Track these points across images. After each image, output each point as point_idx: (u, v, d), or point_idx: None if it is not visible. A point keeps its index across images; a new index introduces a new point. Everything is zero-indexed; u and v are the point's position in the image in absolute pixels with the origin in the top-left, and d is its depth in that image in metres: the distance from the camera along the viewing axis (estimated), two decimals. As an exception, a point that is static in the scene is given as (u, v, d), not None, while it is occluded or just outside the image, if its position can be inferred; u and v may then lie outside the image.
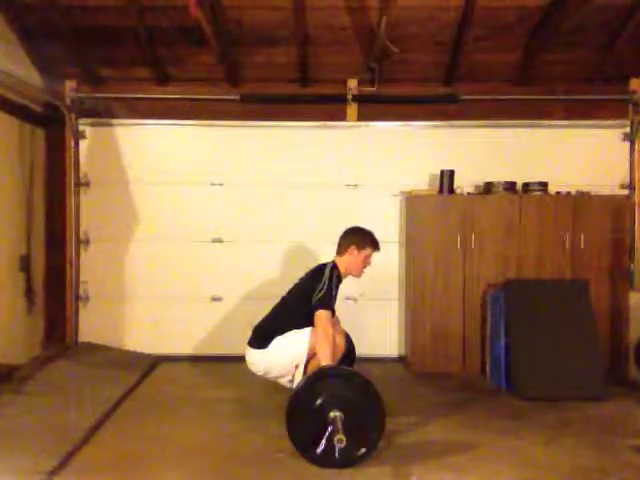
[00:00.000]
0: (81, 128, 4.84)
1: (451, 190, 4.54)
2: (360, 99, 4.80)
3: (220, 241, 4.88)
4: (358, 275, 3.59)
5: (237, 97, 4.75)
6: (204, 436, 3.19)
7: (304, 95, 4.84)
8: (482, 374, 4.37)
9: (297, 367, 3.36)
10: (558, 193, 4.55)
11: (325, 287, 3.31)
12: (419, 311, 4.45)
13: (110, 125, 4.86)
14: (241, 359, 4.69)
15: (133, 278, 4.86)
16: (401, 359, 4.76)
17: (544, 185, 4.54)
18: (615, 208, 4.48)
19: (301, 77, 4.77)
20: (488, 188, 4.59)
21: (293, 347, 3.35)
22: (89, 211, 4.86)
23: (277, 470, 2.78)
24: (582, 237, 4.41)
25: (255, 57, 4.62)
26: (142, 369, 4.37)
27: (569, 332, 4.01)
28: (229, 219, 4.87)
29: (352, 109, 4.83)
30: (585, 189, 4.59)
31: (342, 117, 4.83)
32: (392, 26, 4.03)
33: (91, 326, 4.86)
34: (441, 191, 4.56)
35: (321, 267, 3.47)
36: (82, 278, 4.85)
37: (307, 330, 3.34)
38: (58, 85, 4.77)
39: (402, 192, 4.73)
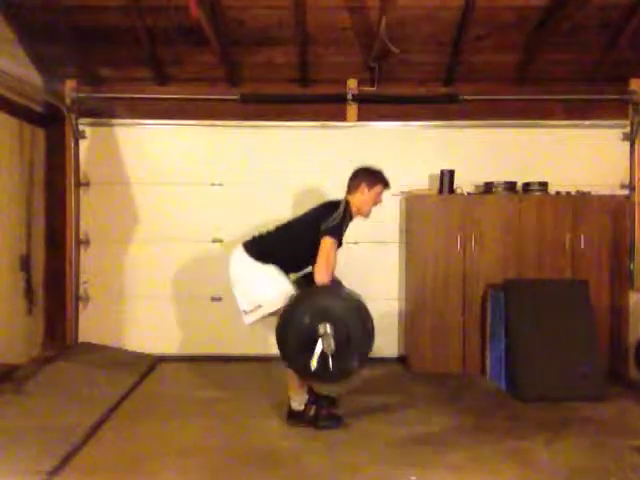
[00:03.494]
0: (81, 128, 4.84)
1: (451, 190, 4.54)
2: (360, 99, 4.80)
3: (220, 241, 4.88)
4: (367, 214, 3.48)
5: (237, 97, 4.75)
6: (204, 436, 3.20)
7: (304, 95, 4.84)
8: (482, 374, 4.37)
9: (258, 308, 3.28)
10: (558, 193, 4.55)
11: (339, 218, 3.23)
12: (419, 311, 4.45)
13: (110, 125, 4.86)
14: (241, 359, 4.75)
15: (133, 278, 4.86)
16: (401, 359, 4.76)
17: (544, 185, 4.55)
18: (615, 208, 4.48)
19: (301, 77, 4.77)
20: (488, 188, 4.59)
21: (267, 294, 3.26)
22: (89, 211, 4.86)
23: (277, 470, 2.78)
24: (582, 237, 4.41)
25: (255, 57, 4.62)
26: (142, 369, 4.38)
27: (569, 332, 4.01)
28: (229, 219, 4.87)
29: (352, 109, 4.83)
30: (585, 189, 4.59)
31: (342, 117, 4.83)
32: (392, 26, 4.03)
33: (91, 326, 4.85)
34: (441, 191, 4.56)
35: (334, 202, 3.37)
36: (82, 278, 4.85)
37: (288, 292, 3.23)
38: (58, 85, 4.77)
39: (402, 192, 4.73)
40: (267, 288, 3.27)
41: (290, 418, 3.35)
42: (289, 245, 3.37)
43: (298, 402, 3.32)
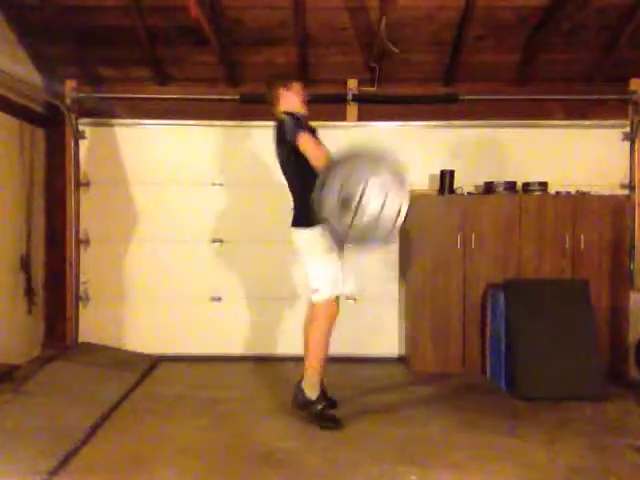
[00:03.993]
0: (81, 128, 4.84)
1: (451, 190, 4.54)
2: (360, 99, 4.80)
3: (220, 241, 4.88)
4: (305, 110, 3.47)
5: (237, 97, 4.75)
6: (204, 436, 3.19)
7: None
8: (482, 374, 4.37)
9: (317, 291, 3.30)
10: (558, 193, 4.55)
11: (290, 121, 3.26)
12: (419, 311, 4.45)
13: (110, 125, 4.86)
14: (241, 359, 4.74)
15: (133, 278, 4.86)
16: (401, 359, 4.76)
17: (544, 185, 4.54)
18: (615, 208, 4.47)
19: (301, 77, 4.76)
20: (488, 188, 4.59)
21: (321, 278, 3.29)
22: (89, 211, 4.86)
23: (277, 470, 2.78)
24: (582, 237, 4.41)
25: (255, 57, 4.62)
26: (142, 369, 4.37)
27: (569, 332, 4.01)
28: (229, 219, 4.87)
29: (352, 109, 4.82)
30: (585, 189, 4.59)
31: (342, 117, 4.83)
32: (392, 26, 4.03)
33: (91, 326, 4.85)
34: (441, 191, 4.56)
35: (276, 124, 3.41)
36: (82, 278, 4.85)
37: (335, 288, 3.28)
38: (58, 85, 4.77)
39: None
40: (318, 274, 3.31)
41: (297, 404, 3.35)
42: (300, 182, 3.35)
43: (313, 391, 3.30)
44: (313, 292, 3.34)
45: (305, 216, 3.27)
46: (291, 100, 3.45)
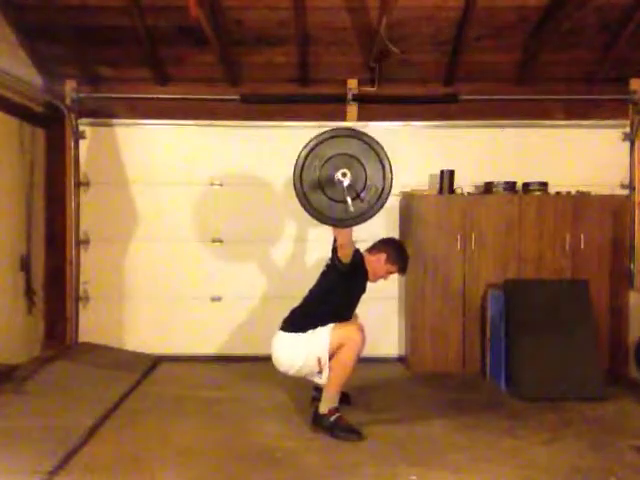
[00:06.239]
0: (81, 128, 4.84)
1: (451, 190, 4.54)
2: (360, 99, 4.80)
3: (220, 241, 4.88)
4: (372, 279, 3.54)
5: (237, 97, 4.75)
6: (204, 436, 3.20)
7: (304, 95, 4.84)
8: (482, 374, 4.37)
9: (320, 361, 3.25)
10: (558, 193, 4.55)
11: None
12: (419, 311, 4.45)
13: (110, 125, 4.86)
14: (241, 359, 4.74)
15: (133, 278, 4.86)
16: (401, 359, 4.76)
17: (544, 185, 4.54)
18: (615, 208, 4.48)
19: (301, 77, 4.77)
20: (488, 188, 4.59)
21: (314, 344, 3.26)
22: (89, 211, 4.86)
23: (277, 470, 2.78)
24: (582, 237, 4.41)
25: (255, 57, 4.62)
26: (142, 369, 4.37)
27: (569, 332, 4.01)
28: (229, 219, 4.87)
29: (352, 109, 4.82)
30: (585, 189, 4.59)
31: (342, 117, 4.82)
32: (392, 26, 4.03)
33: (91, 326, 4.85)
34: (441, 191, 4.56)
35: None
36: (82, 278, 4.85)
37: (327, 327, 3.27)
38: (58, 85, 4.77)
39: (402, 192, 4.73)
40: (308, 344, 3.28)
41: (314, 423, 3.27)
42: (324, 299, 3.41)
43: (326, 405, 3.22)
44: (319, 371, 3.27)
45: (301, 324, 3.33)
46: (374, 266, 3.48)
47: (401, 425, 3.36)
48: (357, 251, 3.36)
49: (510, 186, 4.55)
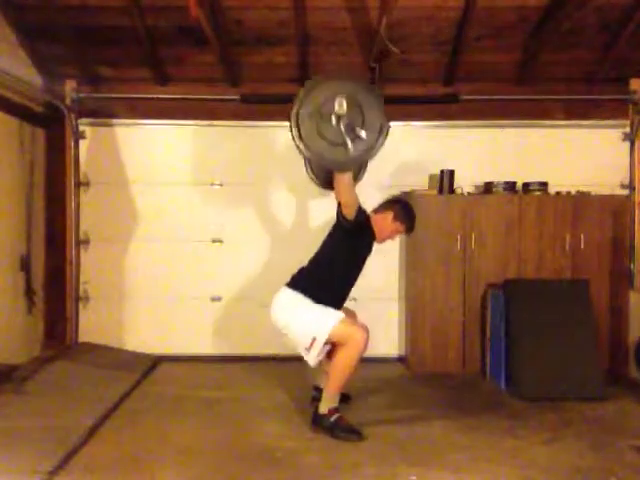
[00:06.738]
0: (81, 128, 4.84)
1: (451, 190, 4.54)
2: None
3: (220, 241, 4.88)
4: (378, 240, 3.48)
5: (237, 97, 4.75)
6: (204, 436, 3.20)
7: (304, 95, 4.83)
8: (482, 374, 4.37)
9: (314, 341, 3.19)
10: (558, 193, 4.55)
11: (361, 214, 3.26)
12: (419, 311, 4.45)
13: (110, 125, 4.86)
14: (241, 359, 4.74)
15: (133, 278, 4.86)
16: (401, 359, 4.76)
17: (544, 185, 4.54)
18: (615, 208, 4.48)
19: (301, 77, 4.76)
20: (488, 188, 4.59)
21: (318, 322, 3.21)
22: (89, 211, 4.86)
23: (277, 470, 2.78)
24: (582, 237, 4.41)
25: (255, 57, 4.62)
26: (142, 369, 4.37)
27: (569, 332, 4.01)
28: (229, 219, 4.87)
29: (352, 109, 4.82)
30: (585, 189, 4.59)
31: (342, 117, 4.82)
32: (392, 26, 4.03)
33: (91, 326, 4.85)
34: (441, 191, 4.56)
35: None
36: (82, 278, 4.85)
37: (337, 314, 3.24)
38: (58, 85, 4.77)
39: (402, 192, 4.73)
40: (313, 319, 3.23)
41: (314, 423, 3.25)
42: (330, 258, 3.39)
43: (326, 405, 3.21)
44: (308, 349, 3.20)
45: (306, 284, 3.32)
46: (381, 225, 3.43)
47: (401, 425, 3.36)
48: (363, 211, 3.30)
49: (510, 186, 4.55)
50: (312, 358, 3.24)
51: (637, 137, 4.77)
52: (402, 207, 3.51)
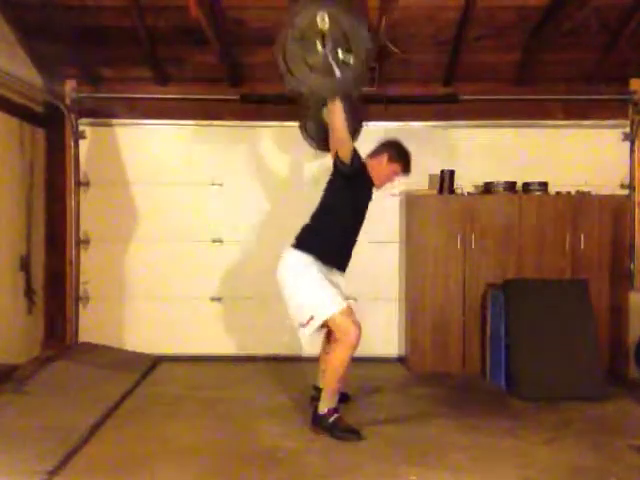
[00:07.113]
0: (81, 128, 4.84)
1: (451, 190, 4.54)
2: (360, 99, 4.79)
3: (220, 241, 4.88)
4: (377, 185, 3.45)
5: (237, 97, 4.75)
6: (204, 436, 3.20)
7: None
8: (482, 374, 4.37)
9: (311, 319, 3.15)
10: (558, 193, 4.55)
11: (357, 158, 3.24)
12: (419, 311, 4.45)
13: (110, 125, 4.86)
14: (241, 359, 4.74)
15: (133, 278, 4.86)
16: (401, 359, 4.76)
17: (544, 185, 4.54)
18: (615, 208, 4.48)
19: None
20: (488, 188, 4.59)
21: (321, 304, 3.17)
22: (89, 211, 4.86)
23: (277, 470, 2.78)
24: (582, 237, 4.41)
25: (255, 57, 4.62)
26: (142, 369, 4.37)
27: (569, 332, 4.01)
28: (229, 219, 4.87)
29: (352, 109, 4.82)
30: (585, 189, 4.59)
31: (342, 117, 4.82)
32: (392, 26, 4.03)
33: (91, 326, 4.85)
34: (441, 191, 4.56)
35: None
36: (82, 278, 4.85)
37: (341, 304, 3.18)
38: (58, 85, 4.77)
39: (402, 192, 4.73)
40: (317, 298, 3.20)
41: (313, 423, 3.24)
42: (329, 209, 3.35)
43: (325, 405, 3.19)
44: (304, 325, 3.17)
45: (310, 241, 3.30)
46: (378, 169, 3.41)
47: (401, 425, 3.36)
48: (358, 157, 3.27)
49: (510, 186, 4.55)
50: (304, 335, 3.23)
51: (637, 137, 4.78)
52: (395, 148, 3.48)
